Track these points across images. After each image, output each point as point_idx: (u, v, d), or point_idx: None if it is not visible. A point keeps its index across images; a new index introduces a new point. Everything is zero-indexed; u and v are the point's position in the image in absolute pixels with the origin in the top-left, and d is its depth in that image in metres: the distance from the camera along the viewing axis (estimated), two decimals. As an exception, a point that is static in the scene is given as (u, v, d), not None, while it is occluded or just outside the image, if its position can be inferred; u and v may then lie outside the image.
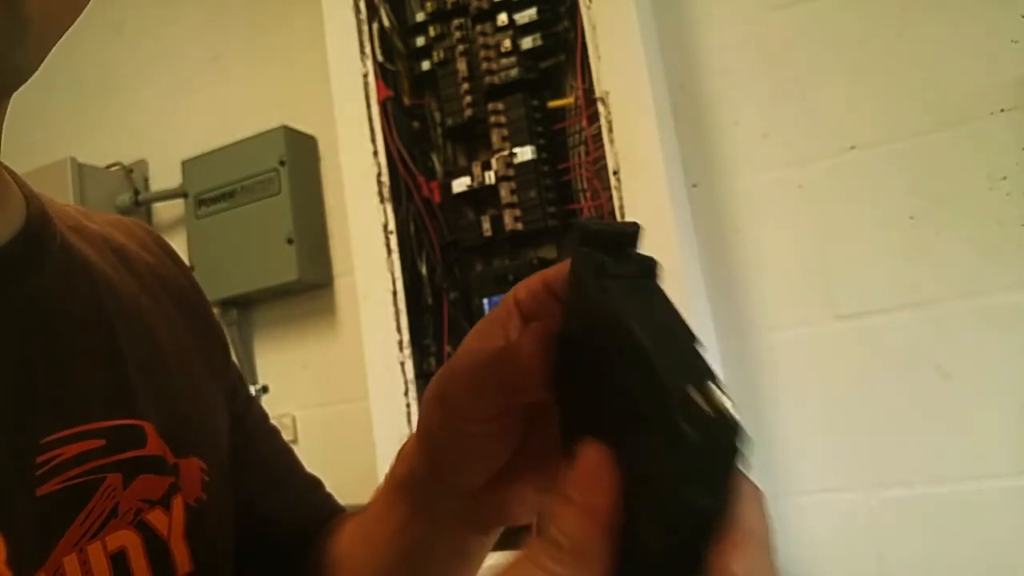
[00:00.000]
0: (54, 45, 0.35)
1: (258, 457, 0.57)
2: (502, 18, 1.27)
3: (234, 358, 0.60)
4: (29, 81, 0.34)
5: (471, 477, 0.39)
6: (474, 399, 0.36)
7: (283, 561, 0.57)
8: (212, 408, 0.51)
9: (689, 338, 0.25)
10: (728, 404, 0.23)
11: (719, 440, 0.23)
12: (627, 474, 0.25)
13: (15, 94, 0.37)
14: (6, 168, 0.43)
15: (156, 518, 0.43)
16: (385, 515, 0.46)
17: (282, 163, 1.56)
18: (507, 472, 0.39)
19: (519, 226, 1.24)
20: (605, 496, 0.25)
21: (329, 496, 0.61)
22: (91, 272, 0.45)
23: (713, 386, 0.23)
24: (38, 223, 0.43)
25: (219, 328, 0.57)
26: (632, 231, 0.27)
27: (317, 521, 0.58)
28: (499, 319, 0.38)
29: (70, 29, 0.35)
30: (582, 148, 1.23)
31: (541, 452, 0.38)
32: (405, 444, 0.44)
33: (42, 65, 0.35)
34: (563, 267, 0.34)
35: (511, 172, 1.25)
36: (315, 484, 0.61)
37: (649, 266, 0.27)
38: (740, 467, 0.24)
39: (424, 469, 0.41)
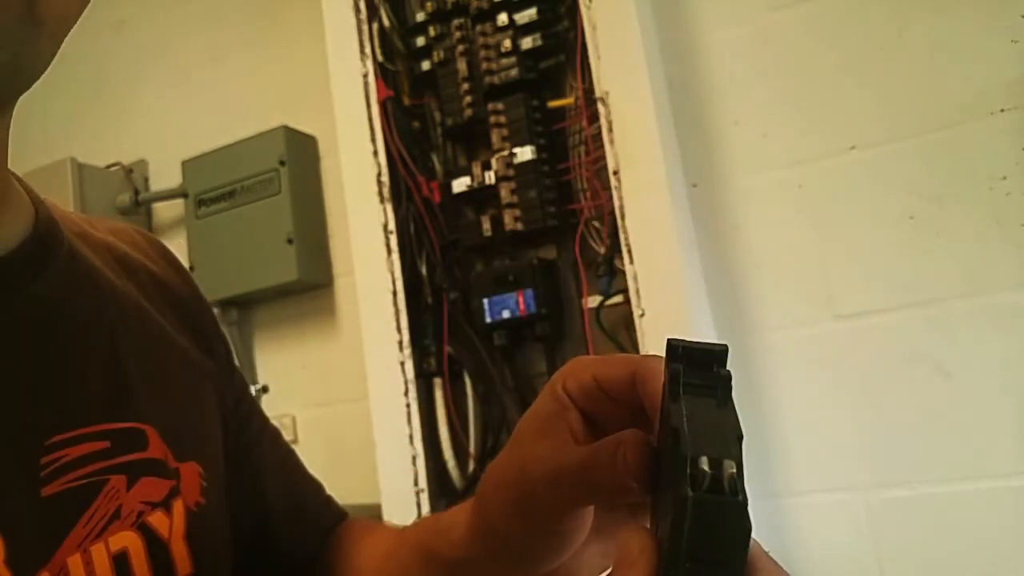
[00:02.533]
0: (62, 43, 0.35)
1: (265, 463, 0.57)
2: (502, 18, 1.26)
3: (237, 362, 0.60)
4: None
5: (546, 564, 0.38)
6: (563, 508, 0.35)
7: (290, 564, 0.57)
8: (210, 416, 0.52)
9: (735, 435, 0.27)
10: (740, 485, 0.24)
11: (723, 510, 0.24)
12: (660, 552, 0.26)
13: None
14: (14, 174, 0.43)
15: (157, 520, 0.43)
16: None
17: (282, 163, 1.56)
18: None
19: (519, 226, 1.24)
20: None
21: (330, 499, 0.62)
22: (96, 278, 0.46)
23: (731, 467, 0.24)
24: (46, 229, 0.43)
25: (221, 336, 0.57)
26: (719, 350, 0.29)
27: (322, 527, 0.58)
28: (556, 413, 0.37)
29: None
30: (582, 148, 1.23)
31: (607, 517, 0.38)
32: (442, 518, 0.43)
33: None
34: (612, 364, 0.35)
35: (511, 172, 1.24)
36: (318, 488, 0.61)
37: (727, 382, 0.29)
38: (763, 552, 0.26)
39: (484, 558, 0.40)
